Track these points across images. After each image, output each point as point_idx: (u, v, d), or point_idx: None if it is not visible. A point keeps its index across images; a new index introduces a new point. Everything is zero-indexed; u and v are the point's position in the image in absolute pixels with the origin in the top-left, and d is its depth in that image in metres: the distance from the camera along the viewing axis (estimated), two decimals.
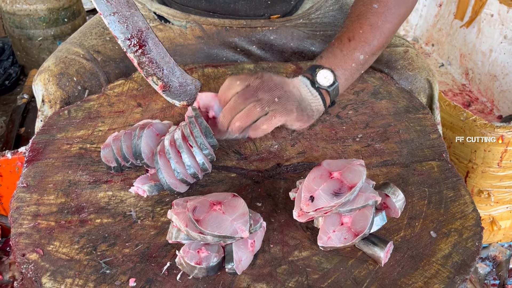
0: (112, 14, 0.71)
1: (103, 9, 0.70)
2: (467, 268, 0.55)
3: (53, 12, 1.88)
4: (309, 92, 0.74)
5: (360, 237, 0.54)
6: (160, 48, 0.76)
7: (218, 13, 0.93)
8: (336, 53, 0.77)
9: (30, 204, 0.63)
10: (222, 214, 0.53)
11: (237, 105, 0.68)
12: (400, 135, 0.75)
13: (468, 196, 0.65)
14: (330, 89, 0.75)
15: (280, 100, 0.69)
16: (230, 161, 0.71)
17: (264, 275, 0.54)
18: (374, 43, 0.78)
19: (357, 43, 0.77)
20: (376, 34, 0.78)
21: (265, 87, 0.69)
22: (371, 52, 0.79)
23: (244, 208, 0.54)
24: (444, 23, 2.12)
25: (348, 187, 0.55)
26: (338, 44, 0.78)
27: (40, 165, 0.69)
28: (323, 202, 0.54)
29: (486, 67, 1.86)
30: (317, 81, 0.75)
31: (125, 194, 0.65)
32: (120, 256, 0.56)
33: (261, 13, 0.94)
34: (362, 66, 0.79)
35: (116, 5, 0.71)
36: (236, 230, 0.52)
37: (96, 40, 0.93)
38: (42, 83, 0.86)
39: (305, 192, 0.56)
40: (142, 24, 0.74)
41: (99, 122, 0.77)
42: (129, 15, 0.73)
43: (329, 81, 0.75)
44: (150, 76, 0.76)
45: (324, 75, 0.75)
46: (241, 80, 0.70)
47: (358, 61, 0.78)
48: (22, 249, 0.57)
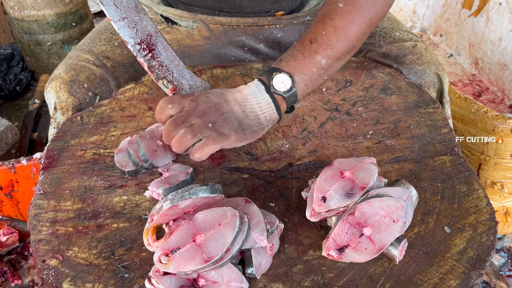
0: (121, 19, 0.72)
1: (112, 15, 0.71)
2: (483, 263, 0.55)
3: (61, 16, 1.90)
4: (258, 104, 0.69)
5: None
6: (169, 52, 0.77)
7: (224, 10, 0.94)
8: (296, 56, 0.72)
9: (48, 210, 0.64)
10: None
11: (169, 132, 0.65)
12: (411, 130, 0.75)
13: (481, 190, 0.64)
14: (286, 95, 0.70)
15: (214, 125, 0.64)
16: (242, 162, 0.71)
17: (280, 275, 0.55)
18: (337, 46, 0.72)
19: (319, 45, 0.72)
20: (340, 36, 0.72)
21: (197, 111, 0.65)
22: (334, 56, 0.73)
23: (258, 216, 0.53)
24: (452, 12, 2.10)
25: (360, 187, 0.55)
26: (299, 46, 0.73)
27: (55, 171, 0.70)
28: (335, 203, 0.54)
29: (496, 56, 1.84)
30: (273, 86, 0.69)
31: (140, 198, 0.66)
32: (138, 260, 0.57)
33: (267, 9, 0.94)
34: (325, 71, 0.74)
35: (125, 11, 0.72)
36: (255, 241, 0.52)
37: (105, 46, 0.94)
38: (53, 90, 0.87)
39: (317, 193, 0.56)
40: (151, 28, 0.75)
41: (111, 127, 0.78)
42: (138, 19, 0.74)
43: (286, 86, 0.70)
44: (160, 79, 0.77)
45: (281, 79, 0.70)
46: (174, 104, 0.67)
47: (319, 65, 0.72)
48: (42, 256, 0.58)
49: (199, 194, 0.52)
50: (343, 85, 0.85)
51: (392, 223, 0.53)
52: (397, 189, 0.56)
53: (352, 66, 0.89)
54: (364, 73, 0.87)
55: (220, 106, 0.66)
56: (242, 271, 0.53)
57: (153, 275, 0.51)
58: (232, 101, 0.68)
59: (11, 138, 1.36)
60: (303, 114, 0.79)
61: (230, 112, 0.66)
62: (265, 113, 0.69)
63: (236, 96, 0.69)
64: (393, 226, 0.53)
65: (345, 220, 0.54)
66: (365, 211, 0.54)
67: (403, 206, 0.53)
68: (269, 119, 0.70)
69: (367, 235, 0.53)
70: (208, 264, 0.48)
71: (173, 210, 0.53)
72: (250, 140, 0.69)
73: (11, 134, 1.35)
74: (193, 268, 0.48)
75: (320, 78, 0.74)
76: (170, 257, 0.50)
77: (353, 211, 0.54)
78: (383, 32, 0.96)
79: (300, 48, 0.73)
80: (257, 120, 0.68)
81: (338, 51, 0.72)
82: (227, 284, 0.50)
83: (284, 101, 0.71)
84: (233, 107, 0.67)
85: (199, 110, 0.65)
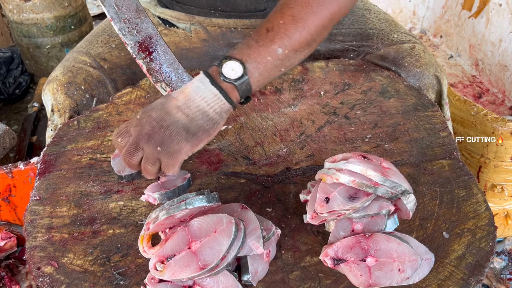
0: (122, 21, 0.71)
1: (113, 16, 0.71)
2: (482, 269, 0.55)
3: (60, 20, 1.90)
4: (204, 99, 0.66)
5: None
6: (169, 55, 0.77)
7: (219, 9, 0.93)
8: (251, 44, 0.69)
9: (44, 216, 0.63)
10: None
11: (130, 164, 0.65)
12: (409, 134, 0.75)
13: (480, 195, 0.64)
14: (237, 83, 0.66)
15: (162, 147, 0.63)
16: (239, 167, 0.71)
17: (277, 282, 0.54)
18: (295, 37, 0.68)
19: (275, 34, 0.68)
20: (299, 26, 0.68)
21: (144, 136, 0.63)
22: (292, 46, 0.69)
23: (254, 222, 0.53)
24: (452, 14, 2.10)
25: (365, 193, 0.54)
26: (255, 35, 0.70)
27: (52, 177, 0.70)
28: (338, 205, 0.53)
29: (496, 58, 1.84)
30: (223, 74, 0.66)
31: (136, 203, 0.65)
32: (134, 266, 0.57)
33: (262, 7, 0.94)
34: (281, 62, 0.70)
35: (127, 12, 0.72)
36: (251, 248, 0.51)
37: (102, 48, 0.94)
38: (50, 92, 0.87)
39: (320, 193, 0.55)
40: (152, 30, 0.74)
41: (108, 132, 0.78)
42: (139, 21, 0.73)
43: (236, 73, 0.66)
44: (159, 82, 0.76)
45: (232, 66, 0.66)
46: (122, 135, 0.66)
47: (275, 54, 0.68)
48: (37, 262, 0.57)
49: (196, 204, 0.51)
50: (341, 88, 0.84)
51: (397, 271, 0.51)
52: (422, 246, 0.54)
53: (350, 69, 0.88)
54: (363, 76, 0.87)
55: (163, 121, 0.64)
56: (238, 278, 0.52)
57: (148, 282, 0.51)
58: (174, 109, 0.65)
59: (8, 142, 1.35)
60: (301, 118, 0.79)
61: (174, 123, 0.64)
62: (213, 106, 0.66)
63: (178, 102, 0.66)
64: (395, 274, 0.51)
65: (357, 238, 0.53)
66: (379, 242, 0.52)
67: (416, 264, 0.52)
68: (220, 111, 0.67)
69: (369, 264, 0.52)
70: (204, 272, 0.48)
71: (169, 220, 0.52)
72: (207, 139, 0.67)
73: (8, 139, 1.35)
74: (188, 275, 0.48)
75: (276, 69, 0.70)
76: (165, 264, 0.49)
77: (370, 235, 0.53)
78: (381, 34, 0.95)
79: (256, 37, 0.69)
80: (206, 117, 0.66)
81: (296, 41, 0.69)
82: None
83: (236, 89, 0.67)
84: (175, 116, 0.65)
85: (144, 133, 0.63)
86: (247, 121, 0.79)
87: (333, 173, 0.54)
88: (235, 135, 0.76)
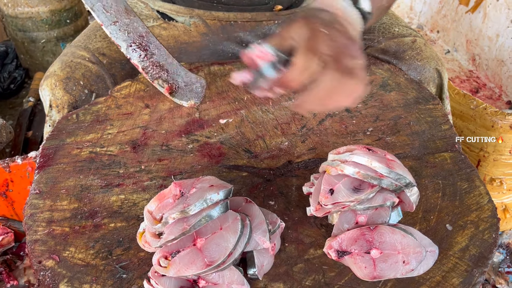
0: (112, 23, 0.71)
1: (103, 20, 0.70)
2: (485, 260, 0.55)
3: (55, 13, 1.88)
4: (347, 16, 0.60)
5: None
6: (162, 50, 0.76)
7: (222, 2, 0.92)
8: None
9: (44, 210, 0.63)
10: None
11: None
12: (411, 127, 0.75)
13: (483, 187, 0.64)
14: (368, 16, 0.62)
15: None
16: (241, 160, 0.70)
17: (281, 275, 0.54)
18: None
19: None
20: None
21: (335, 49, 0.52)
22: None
23: (260, 217, 0.52)
24: (449, 9, 2.10)
25: (369, 185, 0.54)
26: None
27: (51, 170, 0.69)
28: (342, 197, 0.53)
29: (493, 53, 1.84)
30: (360, 3, 0.61)
31: (138, 197, 0.65)
32: (136, 260, 0.56)
33: (266, 1, 0.93)
34: (386, 9, 0.68)
35: (116, 14, 0.71)
36: (257, 243, 0.51)
37: (100, 42, 0.93)
38: (49, 88, 0.86)
39: (325, 185, 0.55)
40: (142, 29, 0.74)
41: (107, 125, 0.77)
42: (128, 22, 0.73)
43: (367, 8, 0.62)
44: (155, 79, 0.76)
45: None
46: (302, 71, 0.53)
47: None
48: (38, 256, 0.57)
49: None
50: None
51: (401, 263, 0.51)
52: (426, 238, 0.54)
53: None
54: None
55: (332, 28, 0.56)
56: (243, 272, 0.52)
57: (152, 275, 0.50)
58: (334, 20, 0.58)
59: (5, 136, 1.34)
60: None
61: (341, 30, 0.56)
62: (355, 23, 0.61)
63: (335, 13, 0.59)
64: (400, 266, 0.51)
65: (361, 230, 0.53)
66: (384, 235, 0.52)
67: (421, 256, 0.51)
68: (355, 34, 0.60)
69: (373, 256, 0.51)
70: (210, 268, 0.47)
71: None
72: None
73: (5, 133, 1.34)
74: (194, 272, 0.47)
75: (382, 14, 0.69)
76: (170, 260, 0.49)
77: (374, 228, 0.53)
78: (382, 27, 0.95)
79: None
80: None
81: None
82: (228, 286, 0.50)
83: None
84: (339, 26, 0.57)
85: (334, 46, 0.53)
86: (248, 115, 0.78)
87: (338, 164, 0.54)
88: (236, 128, 0.76)
